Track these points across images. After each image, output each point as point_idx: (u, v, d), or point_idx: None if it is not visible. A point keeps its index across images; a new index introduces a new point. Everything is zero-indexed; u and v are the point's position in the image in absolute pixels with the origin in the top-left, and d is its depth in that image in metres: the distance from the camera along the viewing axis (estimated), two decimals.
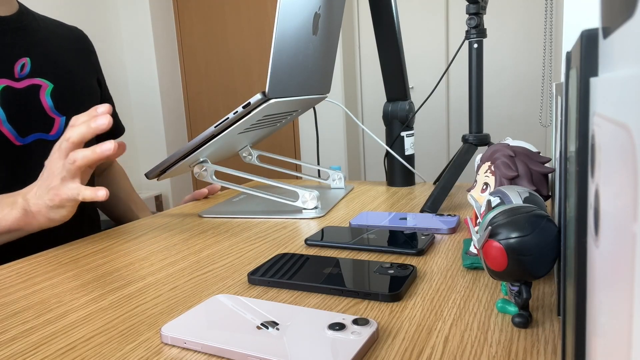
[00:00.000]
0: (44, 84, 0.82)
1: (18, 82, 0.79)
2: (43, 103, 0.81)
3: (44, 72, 0.83)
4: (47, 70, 0.83)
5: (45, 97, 0.82)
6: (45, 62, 0.84)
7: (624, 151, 0.14)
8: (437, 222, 0.66)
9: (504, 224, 0.35)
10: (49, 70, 0.84)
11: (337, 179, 0.99)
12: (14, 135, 0.77)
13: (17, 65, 0.79)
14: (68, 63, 0.88)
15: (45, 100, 0.81)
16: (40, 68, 0.82)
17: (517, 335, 0.37)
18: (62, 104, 0.84)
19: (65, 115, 0.84)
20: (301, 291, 0.47)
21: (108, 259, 0.60)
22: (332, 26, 0.89)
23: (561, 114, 0.31)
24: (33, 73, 0.81)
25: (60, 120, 0.84)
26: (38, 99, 0.81)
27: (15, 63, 0.79)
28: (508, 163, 0.47)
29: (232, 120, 0.72)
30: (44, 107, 0.81)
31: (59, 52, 0.87)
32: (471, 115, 0.84)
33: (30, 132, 0.80)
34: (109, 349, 0.38)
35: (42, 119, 0.81)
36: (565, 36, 1.18)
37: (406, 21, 3.07)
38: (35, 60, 0.82)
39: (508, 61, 2.93)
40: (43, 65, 0.83)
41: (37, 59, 0.83)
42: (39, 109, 0.81)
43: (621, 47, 0.15)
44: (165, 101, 3.33)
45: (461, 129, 3.12)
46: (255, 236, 0.67)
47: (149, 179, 0.82)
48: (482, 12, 0.80)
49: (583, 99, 0.20)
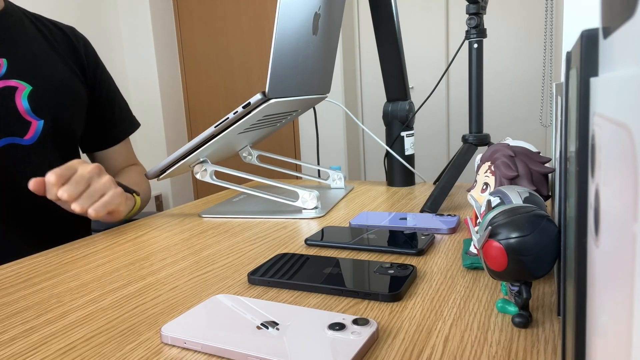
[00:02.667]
0: (21, 86, 0.78)
1: None
2: (18, 105, 0.78)
3: (22, 74, 0.79)
4: (26, 72, 0.80)
5: (22, 99, 0.78)
6: (25, 63, 0.80)
7: (624, 151, 0.14)
8: (437, 222, 0.66)
9: (504, 224, 0.35)
10: (29, 72, 0.80)
11: (337, 179, 0.99)
12: None
13: None
14: (53, 66, 0.85)
15: (20, 103, 0.78)
16: (18, 69, 0.79)
17: (517, 335, 0.37)
18: (41, 107, 0.80)
19: (44, 118, 0.81)
20: (301, 291, 0.47)
21: (108, 259, 0.60)
22: (332, 26, 0.89)
23: (561, 114, 0.31)
24: (9, 74, 0.78)
25: (38, 123, 0.80)
26: (12, 102, 0.77)
27: None
28: (508, 163, 0.47)
29: (232, 120, 0.72)
30: (19, 110, 0.78)
31: (43, 54, 0.84)
32: (471, 115, 0.84)
33: (2, 136, 0.77)
34: (109, 349, 0.38)
35: (16, 123, 0.78)
36: (565, 36, 1.18)
37: (406, 21, 3.07)
38: (14, 62, 0.79)
39: (508, 61, 2.93)
40: (22, 66, 0.80)
41: (16, 61, 0.79)
42: (12, 111, 0.77)
43: (621, 47, 0.15)
44: (165, 101, 3.33)
45: (461, 129, 3.12)
46: (255, 236, 0.67)
47: (149, 179, 0.82)
48: (482, 12, 0.80)
49: (583, 99, 0.20)
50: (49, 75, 0.83)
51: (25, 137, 0.79)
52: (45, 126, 0.81)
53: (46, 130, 0.81)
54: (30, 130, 0.80)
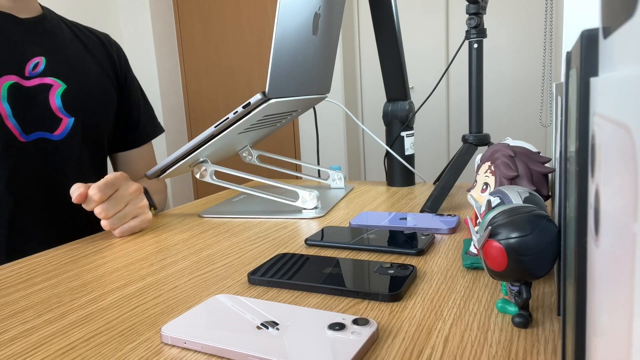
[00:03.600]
0: (56, 84, 0.83)
1: (27, 80, 0.79)
2: (51, 102, 0.82)
3: (59, 73, 0.83)
4: (62, 72, 0.84)
5: (55, 96, 0.82)
6: (62, 63, 0.85)
7: (624, 151, 0.14)
8: (437, 222, 0.66)
9: (504, 224, 0.35)
10: (65, 71, 0.84)
11: (337, 179, 0.99)
12: (18, 131, 0.78)
13: (29, 64, 0.80)
14: (87, 67, 0.89)
15: (54, 100, 0.82)
16: (55, 68, 0.83)
17: (517, 335, 0.37)
18: (73, 105, 0.84)
19: (75, 116, 0.85)
20: (301, 291, 0.47)
21: (108, 259, 0.60)
22: (332, 26, 0.89)
23: (561, 114, 0.31)
24: (46, 72, 0.82)
25: (69, 121, 0.84)
26: (46, 98, 0.81)
27: (28, 62, 0.80)
28: (508, 163, 0.47)
29: (232, 120, 0.72)
30: (51, 107, 0.82)
31: (79, 56, 0.89)
32: (471, 115, 0.84)
33: (34, 130, 0.80)
34: (109, 349, 0.38)
35: (48, 118, 0.82)
36: (565, 36, 1.18)
37: (406, 21, 3.07)
38: (51, 61, 0.83)
39: (508, 61, 2.93)
40: (59, 66, 0.84)
41: (54, 60, 0.83)
42: (45, 107, 0.81)
43: (621, 47, 0.15)
44: (165, 101, 3.33)
45: (461, 129, 3.12)
46: (255, 236, 0.67)
47: (149, 179, 0.82)
48: (482, 12, 0.80)
49: (583, 99, 0.20)
50: (83, 76, 0.88)
51: (56, 133, 0.83)
52: (75, 123, 0.85)
53: (76, 127, 0.85)
54: (60, 127, 0.83)
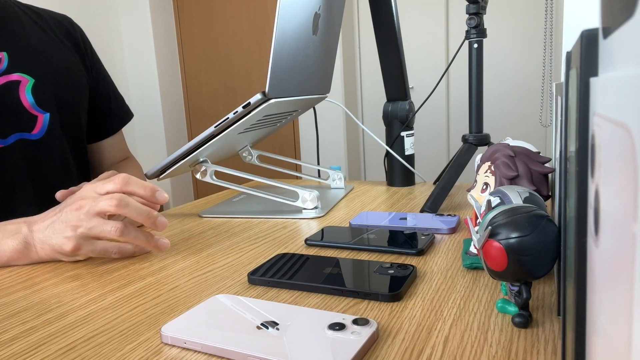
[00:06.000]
0: (24, 79, 0.76)
1: None
2: (22, 100, 0.76)
3: (24, 67, 0.77)
4: (27, 65, 0.77)
5: (26, 93, 0.76)
6: (26, 55, 0.78)
7: (624, 151, 0.14)
8: (437, 222, 0.66)
9: (504, 224, 0.35)
10: (30, 64, 0.78)
11: (337, 179, 0.99)
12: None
13: None
14: (54, 57, 0.83)
15: (25, 97, 0.76)
16: (19, 62, 0.77)
17: (517, 335, 0.37)
18: (45, 100, 0.79)
19: (49, 111, 0.79)
20: (301, 291, 0.47)
21: (108, 259, 0.60)
22: (332, 26, 0.89)
23: (561, 114, 0.31)
24: (11, 68, 0.76)
25: (44, 117, 0.78)
26: (17, 96, 0.76)
27: None
28: (508, 163, 0.47)
29: (232, 120, 0.72)
30: (24, 104, 0.76)
31: (42, 44, 0.82)
32: (471, 115, 0.84)
33: (11, 132, 0.75)
34: (109, 349, 0.38)
35: (23, 117, 0.77)
36: (565, 36, 1.18)
37: (406, 21, 3.07)
38: (14, 55, 0.77)
39: (508, 61, 2.93)
40: (23, 59, 0.77)
41: (16, 53, 0.77)
42: (18, 106, 0.76)
43: (621, 47, 0.15)
44: (165, 101, 3.33)
45: (461, 129, 3.12)
46: (255, 236, 0.67)
47: (149, 179, 0.82)
48: (482, 12, 0.80)
49: (583, 99, 0.20)
50: (50, 66, 0.81)
51: (33, 132, 0.78)
52: (51, 119, 0.80)
53: (53, 123, 0.80)
54: (37, 125, 0.78)
